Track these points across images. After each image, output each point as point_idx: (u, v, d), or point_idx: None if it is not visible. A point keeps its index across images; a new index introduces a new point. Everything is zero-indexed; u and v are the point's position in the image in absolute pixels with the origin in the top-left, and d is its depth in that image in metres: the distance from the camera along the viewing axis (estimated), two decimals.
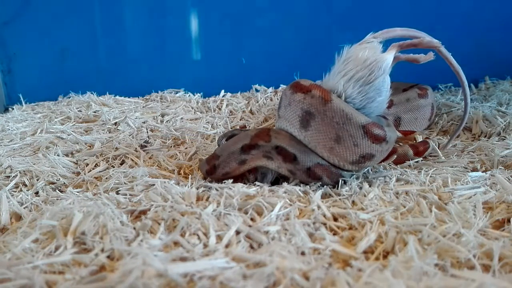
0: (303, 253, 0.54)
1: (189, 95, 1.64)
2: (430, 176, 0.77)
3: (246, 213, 0.64)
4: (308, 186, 0.73)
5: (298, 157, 0.73)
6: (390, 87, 0.77)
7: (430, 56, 0.79)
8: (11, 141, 1.13)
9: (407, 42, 0.79)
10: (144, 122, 1.28)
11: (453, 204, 0.64)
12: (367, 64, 0.73)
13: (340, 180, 0.74)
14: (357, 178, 0.77)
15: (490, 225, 0.60)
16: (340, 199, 0.70)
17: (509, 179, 0.74)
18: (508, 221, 0.61)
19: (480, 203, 0.64)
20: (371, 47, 0.75)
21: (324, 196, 0.72)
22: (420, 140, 0.97)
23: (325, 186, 0.74)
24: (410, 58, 0.80)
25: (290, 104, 0.75)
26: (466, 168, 0.84)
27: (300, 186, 0.73)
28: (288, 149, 0.73)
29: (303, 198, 0.70)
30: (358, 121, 0.70)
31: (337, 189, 0.73)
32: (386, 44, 0.79)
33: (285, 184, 0.73)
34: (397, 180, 0.77)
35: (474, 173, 0.79)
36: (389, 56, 0.75)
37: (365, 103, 0.74)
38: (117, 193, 0.75)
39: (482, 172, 0.80)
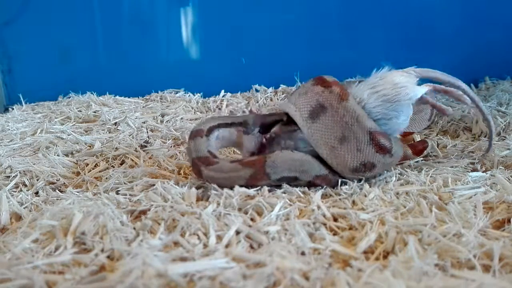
0: (303, 253, 0.54)
1: (189, 95, 1.64)
2: (430, 176, 0.77)
3: (246, 213, 0.64)
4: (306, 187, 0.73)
5: (299, 177, 0.73)
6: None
7: (455, 113, 0.81)
8: (11, 141, 1.13)
9: (441, 87, 0.80)
10: (144, 122, 1.28)
11: (453, 204, 0.64)
12: (397, 87, 0.73)
13: (339, 180, 0.74)
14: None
15: (491, 225, 0.60)
16: (340, 199, 0.70)
17: (509, 179, 0.74)
18: (509, 221, 0.61)
19: (480, 203, 0.64)
20: (408, 75, 0.76)
21: (324, 196, 0.71)
22: (418, 140, 0.97)
23: (325, 187, 0.73)
24: (438, 107, 0.80)
25: (306, 93, 0.75)
26: (466, 168, 0.84)
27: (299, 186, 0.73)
28: (290, 175, 0.72)
29: (303, 198, 0.70)
30: (366, 126, 0.70)
31: (337, 189, 0.73)
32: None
33: (284, 184, 0.73)
34: (397, 180, 0.77)
35: (475, 173, 0.79)
36: (420, 89, 0.75)
37: (380, 117, 0.73)
38: (117, 193, 0.75)
39: (482, 172, 0.80)
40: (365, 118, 0.71)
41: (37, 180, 0.84)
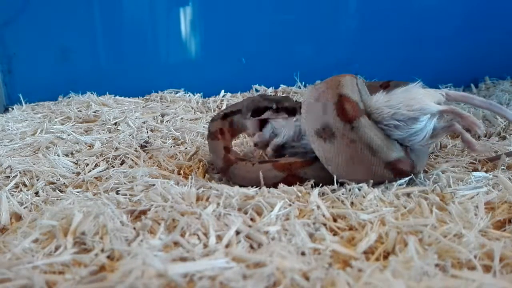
0: (303, 253, 0.54)
1: (189, 95, 1.64)
2: (432, 176, 0.77)
3: (246, 213, 0.64)
4: (302, 187, 0.73)
5: None
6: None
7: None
8: (11, 141, 1.13)
9: (458, 111, 0.73)
10: (144, 122, 1.28)
11: (454, 204, 0.64)
12: (408, 99, 0.71)
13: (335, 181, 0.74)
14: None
15: (492, 226, 0.60)
16: (337, 198, 0.69)
17: (509, 178, 0.74)
18: (510, 221, 0.61)
19: (482, 204, 0.64)
20: (430, 93, 0.73)
21: (321, 195, 0.71)
22: None
23: (324, 187, 0.73)
24: (466, 140, 0.75)
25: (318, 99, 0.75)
26: (467, 168, 0.84)
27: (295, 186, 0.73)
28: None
29: (302, 198, 0.69)
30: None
31: (336, 190, 0.73)
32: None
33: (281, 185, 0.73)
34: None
35: (478, 173, 0.78)
36: (433, 107, 0.71)
37: (380, 119, 0.72)
38: (117, 193, 0.75)
39: (484, 172, 0.80)
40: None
41: (37, 180, 0.84)
